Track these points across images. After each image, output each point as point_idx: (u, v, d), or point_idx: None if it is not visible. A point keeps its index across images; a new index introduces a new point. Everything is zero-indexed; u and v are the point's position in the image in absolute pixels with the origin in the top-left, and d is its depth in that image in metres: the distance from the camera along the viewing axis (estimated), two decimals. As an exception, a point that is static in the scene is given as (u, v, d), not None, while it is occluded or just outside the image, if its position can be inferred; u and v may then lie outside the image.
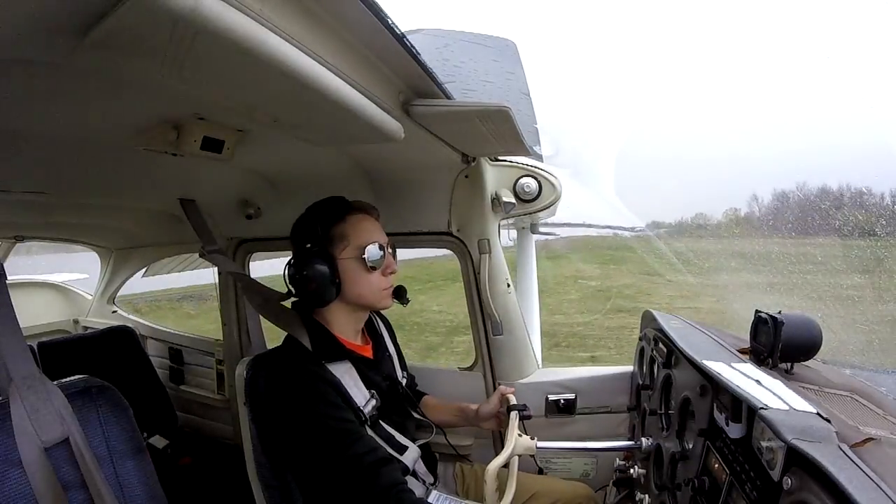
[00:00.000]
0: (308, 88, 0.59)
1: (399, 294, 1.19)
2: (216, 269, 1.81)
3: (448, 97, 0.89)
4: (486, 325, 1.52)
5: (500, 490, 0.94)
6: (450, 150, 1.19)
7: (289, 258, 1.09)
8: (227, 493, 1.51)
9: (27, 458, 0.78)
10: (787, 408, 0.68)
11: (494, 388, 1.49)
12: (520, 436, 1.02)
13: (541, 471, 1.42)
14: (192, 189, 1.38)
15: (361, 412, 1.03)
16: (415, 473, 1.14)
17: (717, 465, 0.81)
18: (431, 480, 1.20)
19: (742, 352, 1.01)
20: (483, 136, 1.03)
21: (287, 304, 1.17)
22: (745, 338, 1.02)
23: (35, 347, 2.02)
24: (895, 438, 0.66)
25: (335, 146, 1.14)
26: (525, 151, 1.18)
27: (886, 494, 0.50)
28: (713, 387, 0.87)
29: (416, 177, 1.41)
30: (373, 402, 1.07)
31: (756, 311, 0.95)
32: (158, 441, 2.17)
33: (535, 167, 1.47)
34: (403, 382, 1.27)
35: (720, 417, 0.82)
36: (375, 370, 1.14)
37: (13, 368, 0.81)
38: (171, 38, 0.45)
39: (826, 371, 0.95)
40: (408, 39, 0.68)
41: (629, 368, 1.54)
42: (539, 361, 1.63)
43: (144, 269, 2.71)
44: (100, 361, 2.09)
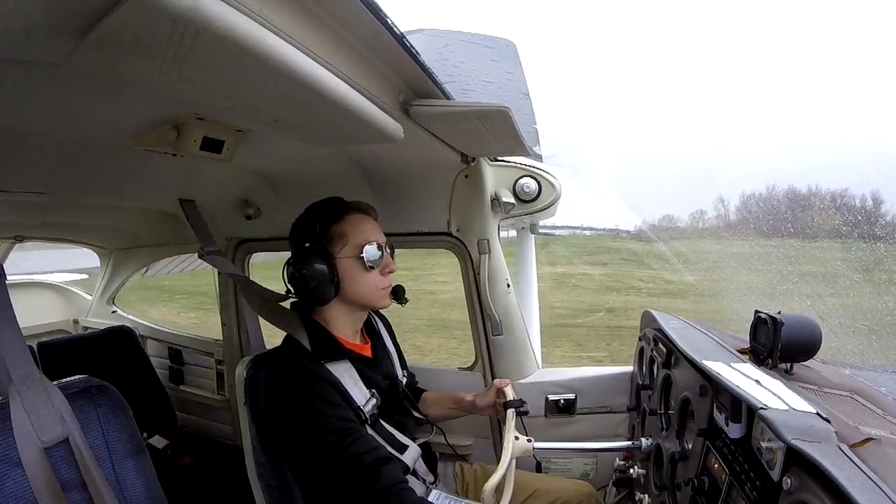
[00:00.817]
0: (308, 88, 0.59)
1: (397, 294, 1.19)
2: (216, 270, 1.81)
3: (448, 97, 0.89)
4: (486, 326, 1.52)
5: (498, 491, 0.94)
6: (449, 151, 1.19)
7: (288, 257, 1.09)
8: (227, 493, 1.51)
9: (27, 459, 0.78)
10: (787, 408, 0.68)
11: None
12: (516, 438, 1.02)
13: (539, 468, 1.42)
14: (192, 189, 1.38)
15: (361, 411, 1.03)
16: (415, 472, 1.14)
17: (717, 465, 0.81)
18: (432, 479, 1.20)
19: (742, 352, 1.01)
20: (483, 137, 1.03)
21: (286, 306, 1.17)
22: (745, 338, 1.02)
23: (35, 347, 2.02)
24: (895, 438, 0.66)
25: (335, 146, 1.14)
26: (525, 152, 1.18)
27: (886, 494, 0.50)
28: (713, 387, 0.87)
29: (416, 177, 1.41)
30: (373, 402, 1.07)
31: (756, 312, 0.95)
32: (158, 441, 2.17)
33: (535, 167, 1.47)
34: (403, 381, 1.27)
35: (720, 417, 0.82)
36: (375, 369, 1.14)
37: (13, 368, 0.82)
38: (171, 38, 0.45)
39: (826, 371, 0.95)
40: (407, 39, 0.68)
41: (629, 368, 1.54)
42: (539, 361, 1.63)
43: (144, 270, 2.72)
44: (100, 361, 2.09)
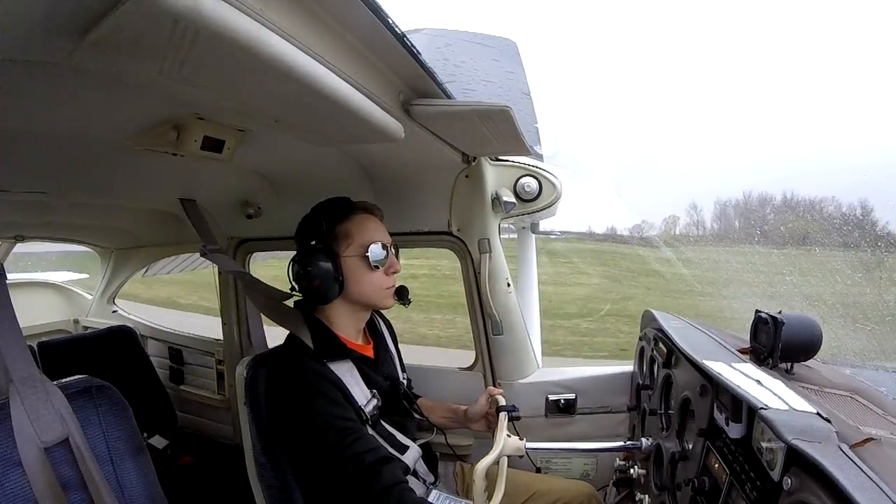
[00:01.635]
0: (308, 88, 0.59)
1: (401, 294, 1.19)
2: (216, 269, 1.81)
3: (448, 97, 0.89)
4: (486, 325, 1.52)
5: (490, 490, 0.94)
6: (450, 150, 1.18)
7: (293, 255, 1.09)
8: (227, 493, 1.51)
9: (27, 459, 0.78)
10: (787, 408, 0.68)
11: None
12: (508, 436, 1.02)
13: (538, 470, 1.42)
14: (193, 189, 1.38)
15: (362, 411, 1.03)
16: (415, 473, 1.14)
17: (717, 465, 0.81)
18: (432, 480, 1.20)
19: (742, 352, 1.01)
20: (483, 136, 1.03)
21: (289, 304, 1.17)
22: (746, 338, 1.02)
23: (35, 347, 2.02)
24: (895, 438, 0.66)
25: (335, 146, 1.14)
26: (525, 151, 1.18)
27: (886, 494, 0.50)
28: (713, 387, 0.87)
29: (417, 176, 1.41)
30: (374, 402, 1.07)
31: (756, 311, 0.95)
32: (158, 441, 2.17)
33: (536, 167, 1.47)
34: (405, 383, 1.27)
35: (720, 417, 0.82)
36: (376, 370, 1.14)
37: (13, 369, 0.81)
38: (172, 38, 0.45)
39: (826, 371, 0.95)
40: (408, 39, 0.68)
41: (629, 368, 1.54)
42: (539, 361, 1.63)
43: (145, 269, 2.72)
44: (100, 361, 2.09)
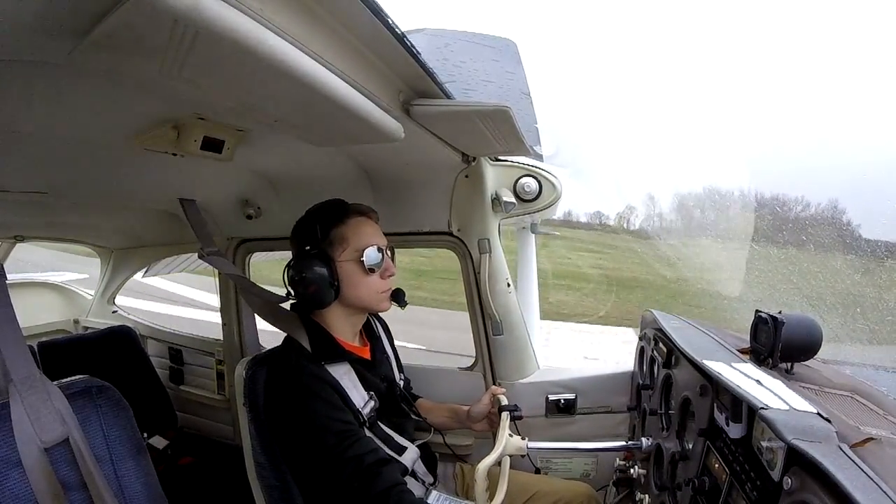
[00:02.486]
0: (308, 88, 0.59)
1: (398, 297, 1.19)
2: (216, 270, 1.81)
3: (448, 97, 0.89)
4: (487, 325, 1.52)
5: (492, 490, 0.94)
6: (450, 150, 1.18)
7: (288, 260, 1.09)
8: (227, 494, 1.51)
9: (27, 459, 0.78)
10: (788, 408, 0.68)
11: None
12: (511, 436, 1.02)
13: (538, 471, 1.42)
14: (193, 189, 1.38)
15: (360, 413, 1.03)
16: (414, 474, 1.14)
17: (718, 465, 0.81)
18: (431, 480, 1.20)
19: (742, 352, 1.01)
20: (483, 136, 1.03)
21: (286, 306, 1.16)
22: (746, 338, 1.02)
23: (35, 347, 2.01)
24: (895, 438, 0.66)
25: (335, 146, 1.14)
26: (525, 151, 1.18)
27: (886, 494, 0.50)
28: (713, 387, 0.87)
29: (417, 177, 1.41)
30: (371, 404, 1.07)
31: (756, 311, 0.95)
32: (158, 441, 2.17)
33: (536, 167, 1.47)
34: (401, 384, 1.27)
35: (720, 417, 0.82)
36: (374, 372, 1.14)
37: (13, 368, 0.81)
38: (172, 38, 0.45)
39: (826, 371, 0.95)
40: (408, 39, 0.68)
41: (629, 368, 1.54)
42: (539, 361, 1.63)
43: (145, 269, 2.71)
44: (100, 361, 2.08)
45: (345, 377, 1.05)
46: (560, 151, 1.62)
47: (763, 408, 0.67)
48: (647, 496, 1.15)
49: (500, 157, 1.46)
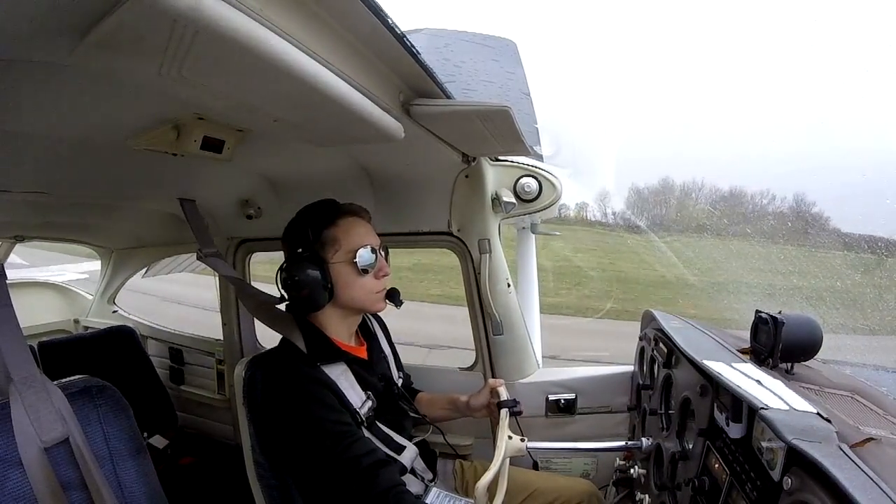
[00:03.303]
0: (308, 88, 0.59)
1: (392, 296, 1.19)
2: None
3: (448, 97, 0.89)
4: (487, 325, 1.52)
5: (491, 492, 0.94)
6: (450, 150, 1.18)
7: (281, 262, 1.09)
8: (227, 494, 1.51)
9: (27, 458, 0.78)
10: (788, 408, 0.68)
11: None
12: (510, 437, 1.01)
13: (536, 466, 1.42)
14: (193, 189, 1.38)
15: (357, 414, 1.03)
16: (413, 471, 1.14)
17: (718, 465, 0.81)
18: (430, 477, 1.20)
19: (742, 352, 1.01)
20: (483, 136, 1.03)
21: (282, 307, 1.16)
22: (746, 338, 1.02)
23: (35, 347, 2.02)
24: (895, 438, 0.66)
25: (335, 146, 1.14)
26: (525, 151, 1.18)
27: (886, 494, 0.50)
28: (713, 387, 0.87)
29: (417, 177, 1.41)
30: (369, 404, 1.07)
31: (756, 311, 0.95)
32: (159, 441, 2.17)
33: (536, 167, 1.47)
34: (399, 383, 1.27)
35: (720, 417, 0.82)
36: (370, 371, 1.14)
37: (13, 368, 0.81)
38: (171, 38, 0.45)
39: (826, 371, 0.95)
40: (408, 39, 0.68)
41: (629, 368, 1.54)
42: (539, 361, 1.63)
43: (145, 270, 2.72)
44: (100, 361, 2.09)
45: (341, 378, 1.05)
46: (560, 151, 1.62)
47: (763, 408, 0.67)
48: (647, 496, 1.15)
49: (500, 157, 1.46)
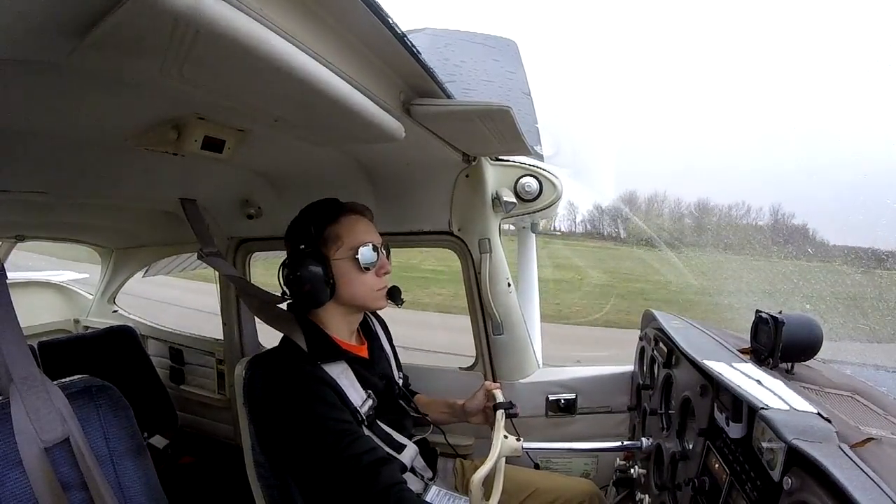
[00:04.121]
0: (309, 88, 0.59)
1: (393, 294, 1.19)
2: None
3: (449, 97, 0.89)
4: (487, 325, 1.52)
5: (487, 491, 0.94)
6: (450, 150, 1.18)
7: (283, 259, 1.09)
8: (228, 493, 1.51)
9: (27, 458, 0.78)
10: (788, 408, 0.68)
11: None
12: (505, 437, 1.01)
13: (537, 466, 1.42)
14: (193, 189, 1.38)
15: (358, 412, 1.03)
16: (413, 470, 1.14)
17: (718, 465, 0.81)
18: (430, 475, 1.20)
19: (743, 352, 1.01)
20: (484, 136, 1.03)
21: (283, 307, 1.16)
22: (746, 338, 1.02)
23: (35, 347, 2.02)
24: (895, 438, 0.66)
25: (335, 146, 1.14)
26: (526, 151, 1.18)
27: (887, 494, 0.50)
28: (714, 387, 0.87)
29: (417, 176, 1.41)
30: (369, 402, 1.07)
31: (757, 312, 0.95)
32: (159, 441, 2.17)
33: (536, 167, 1.47)
34: (400, 382, 1.27)
35: (720, 417, 0.82)
36: (371, 370, 1.14)
37: (13, 368, 0.81)
38: (172, 38, 0.45)
39: (827, 371, 0.95)
40: (408, 39, 0.68)
41: (630, 368, 1.54)
42: (539, 361, 1.63)
43: (145, 269, 2.72)
44: (100, 361, 2.09)
45: (342, 376, 1.05)
46: (560, 151, 1.62)
47: (763, 408, 0.67)
48: (648, 496, 1.15)
49: (501, 157, 1.46)
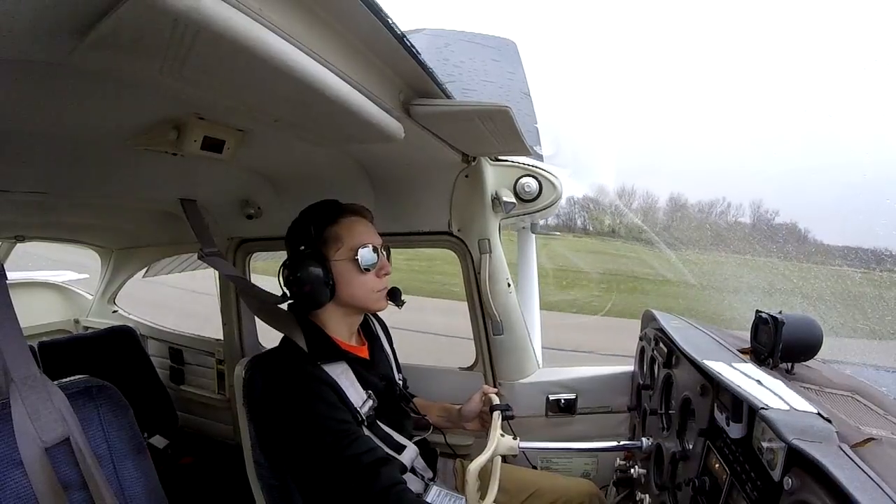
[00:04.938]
0: (308, 88, 0.59)
1: (394, 295, 1.19)
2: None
3: (448, 97, 0.89)
4: (487, 325, 1.52)
5: (484, 490, 0.94)
6: (450, 150, 1.18)
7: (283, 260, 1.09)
8: (228, 493, 1.51)
9: (28, 458, 0.78)
10: (788, 408, 0.68)
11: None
12: (502, 436, 1.01)
13: (534, 467, 1.42)
14: (193, 189, 1.38)
15: (358, 413, 1.03)
16: (413, 470, 1.14)
17: (718, 465, 0.81)
18: (430, 476, 1.20)
19: (743, 352, 1.01)
20: (483, 136, 1.03)
21: (284, 307, 1.16)
22: (746, 338, 1.02)
23: (35, 347, 2.02)
24: (895, 438, 0.66)
25: (335, 146, 1.14)
26: (525, 151, 1.18)
27: (887, 494, 0.50)
28: (714, 387, 0.87)
29: (417, 176, 1.41)
30: (370, 403, 1.07)
31: (757, 312, 0.95)
32: (159, 441, 2.17)
33: (536, 167, 1.47)
34: (400, 384, 1.27)
35: (721, 417, 0.82)
36: (372, 371, 1.14)
37: (13, 368, 0.81)
38: (172, 38, 0.45)
39: (827, 371, 0.95)
40: (408, 39, 0.68)
41: (630, 368, 1.54)
42: (539, 361, 1.63)
43: (145, 270, 2.72)
44: (100, 361, 2.09)
45: (342, 376, 1.05)
46: (560, 151, 1.62)
47: (763, 408, 0.67)
48: (648, 496, 1.15)
49: (501, 157, 1.45)
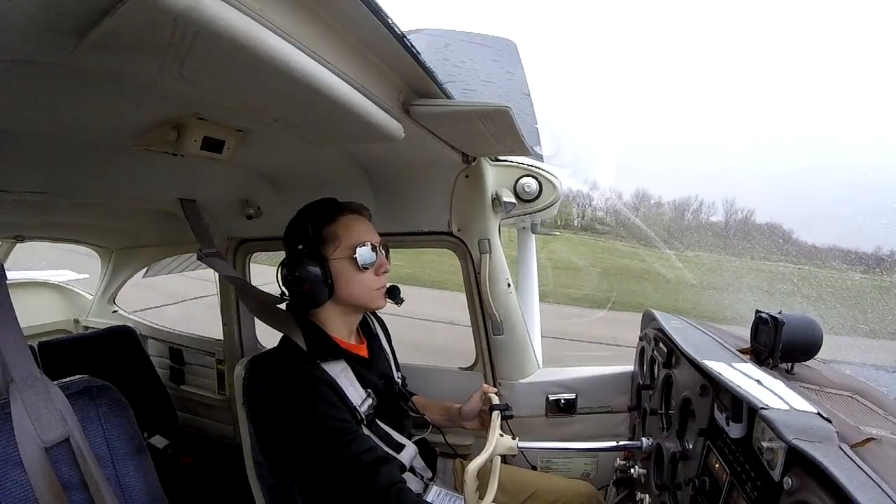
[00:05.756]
0: (308, 88, 0.59)
1: (393, 294, 1.19)
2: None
3: (448, 97, 0.89)
4: (487, 325, 1.52)
5: (482, 490, 0.94)
6: (450, 150, 1.18)
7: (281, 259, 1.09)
8: (228, 493, 1.51)
9: (28, 458, 0.78)
10: (788, 408, 0.68)
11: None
12: (501, 435, 1.01)
13: (533, 468, 1.42)
14: (193, 189, 1.38)
15: (357, 411, 1.03)
16: (412, 470, 1.14)
17: (718, 465, 0.81)
18: (430, 475, 1.20)
19: (743, 352, 1.01)
20: (483, 136, 1.03)
21: (282, 307, 1.16)
22: (746, 338, 1.02)
23: (35, 347, 2.01)
24: (895, 438, 0.66)
25: (335, 146, 1.14)
26: (525, 151, 1.18)
27: (887, 494, 0.50)
28: (714, 387, 0.87)
29: (417, 177, 1.41)
30: (369, 402, 1.07)
31: (756, 312, 0.95)
32: (159, 441, 2.17)
33: (536, 167, 1.47)
34: (399, 382, 1.27)
35: (721, 417, 0.82)
36: (371, 369, 1.14)
37: (13, 368, 0.81)
38: (172, 38, 0.45)
39: (827, 371, 0.95)
40: (408, 39, 0.68)
41: (630, 368, 1.54)
42: (540, 361, 1.63)
43: (145, 270, 2.72)
44: (100, 361, 2.09)
45: (341, 375, 1.05)
46: (560, 151, 1.62)
47: (763, 408, 0.67)
48: (648, 496, 1.15)
49: (501, 157, 1.46)
